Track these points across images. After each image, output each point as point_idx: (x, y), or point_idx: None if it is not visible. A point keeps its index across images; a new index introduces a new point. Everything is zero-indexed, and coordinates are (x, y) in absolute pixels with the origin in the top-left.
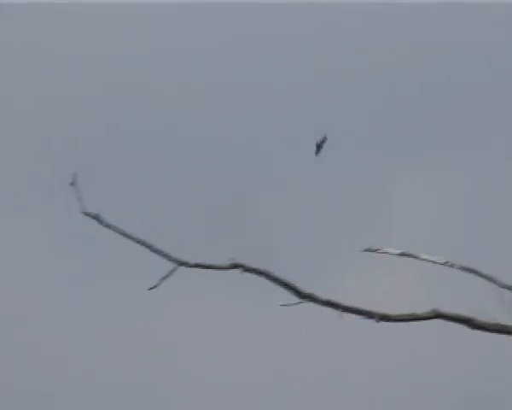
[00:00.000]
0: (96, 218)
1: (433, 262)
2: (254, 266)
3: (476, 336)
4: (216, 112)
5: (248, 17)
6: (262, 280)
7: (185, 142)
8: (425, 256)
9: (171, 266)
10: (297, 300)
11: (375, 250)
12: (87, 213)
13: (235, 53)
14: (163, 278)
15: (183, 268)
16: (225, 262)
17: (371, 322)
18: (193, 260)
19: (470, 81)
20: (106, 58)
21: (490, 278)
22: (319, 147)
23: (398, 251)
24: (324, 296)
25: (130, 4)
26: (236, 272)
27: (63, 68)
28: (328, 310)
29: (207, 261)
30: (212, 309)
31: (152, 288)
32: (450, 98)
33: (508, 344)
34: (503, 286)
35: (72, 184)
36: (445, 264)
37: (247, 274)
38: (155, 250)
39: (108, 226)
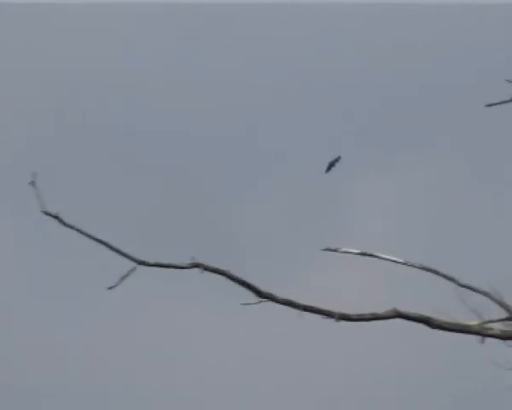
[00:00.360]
0: (56, 217)
1: (394, 262)
2: (214, 265)
3: (436, 335)
4: (178, 108)
5: (238, 17)
6: (222, 279)
7: (144, 140)
8: (385, 256)
9: (130, 265)
10: (257, 299)
11: (335, 250)
12: (47, 213)
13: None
14: (123, 278)
15: (142, 267)
16: (185, 262)
17: (331, 321)
18: (152, 260)
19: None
20: (66, 58)
21: (449, 278)
22: (331, 165)
23: (358, 251)
24: (285, 296)
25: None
26: (196, 271)
27: (22, 68)
28: (289, 309)
29: (167, 261)
30: (171, 308)
31: (111, 287)
32: (412, 98)
33: (467, 343)
34: (463, 286)
35: (32, 183)
36: (405, 263)
37: (208, 273)
38: (115, 249)
39: (68, 226)
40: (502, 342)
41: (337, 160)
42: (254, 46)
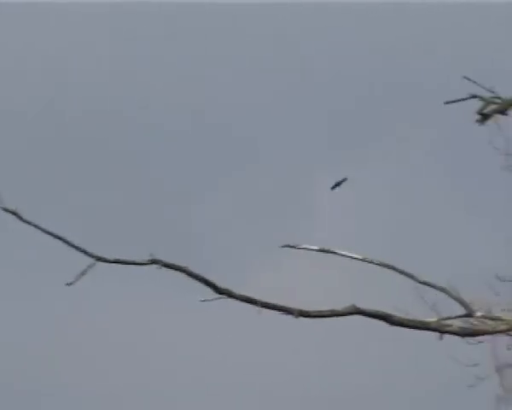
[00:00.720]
0: (15, 213)
1: (352, 258)
2: (173, 261)
3: (395, 331)
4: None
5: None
6: (181, 276)
7: (104, 136)
8: (344, 252)
9: (89, 261)
10: (215, 295)
11: (295, 246)
12: (5, 209)
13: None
14: (81, 274)
15: (101, 264)
16: (144, 258)
17: (290, 318)
18: (111, 256)
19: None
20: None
21: (408, 275)
22: (337, 185)
23: (317, 247)
24: (244, 292)
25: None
26: (155, 267)
27: None
28: (247, 306)
29: (126, 257)
30: (130, 305)
31: (70, 283)
32: (372, 96)
33: (425, 340)
34: (421, 282)
35: None
36: (363, 260)
37: (166, 270)
38: (73, 246)
39: (27, 222)
40: (460, 338)
41: (343, 180)
42: (224, 42)
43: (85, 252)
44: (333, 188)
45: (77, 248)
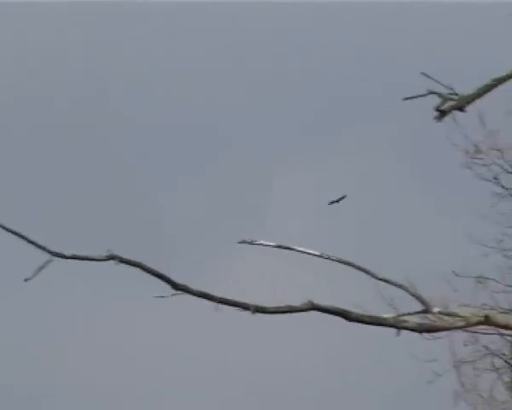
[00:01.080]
0: None
1: (309, 254)
2: (130, 257)
3: (352, 328)
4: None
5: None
6: (138, 272)
7: (56, 131)
8: (301, 248)
9: (46, 257)
10: (172, 291)
11: (251, 242)
12: None
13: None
14: (38, 270)
15: (58, 260)
16: (101, 254)
17: (247, 314)
18: (68, 252)
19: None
20: None
21: (366, 271)
22: (336, 201)
23: (274, 243)
24: (202, 289)
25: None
26: (112, 263)
27: None
28: (204, 302)
29: (83, 253)
30: (88, 301)
31: (27, 279)
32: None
33: (383, 336)
34: (379, 279)
35: None
36: (321, 256)
37: (123, 266)
38: (30, 241)
39: None
40: (418, 334)
41: (342, 198)
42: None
43: (43, 248)
44: (331, 203)
45: (34, 243)
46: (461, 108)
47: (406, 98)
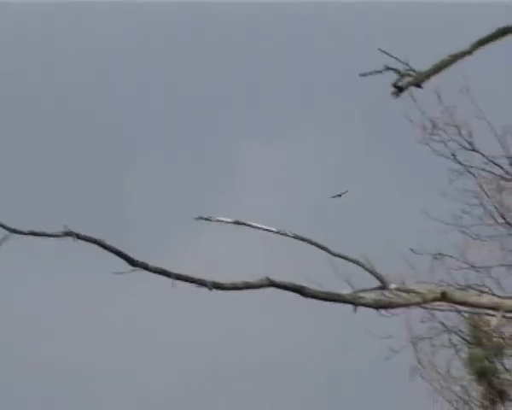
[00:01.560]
0: None
1: (267, 230)
2: (87, 233)
3: (310, 305)
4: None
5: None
6: (96, 248)
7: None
8: (258, 225)
9: (3, 233)
10: (129, 268)
11: (208, 219)
12: None
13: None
14: None
15: (15, 236)
16: (59, 230)
17: (204, 290)
18: (26, 228)
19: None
20: None
21: (322, 247)
22: (338, 195)
23: (231, 219)
24: (158, 264)
25: None
26: (69, 239)
27: None
28: (161, 278)
29: (40, 229)
30: (46, 278)
31: None
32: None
33: (339, 313)
34: (336, 255)
35: None
36: (278, 232)
37: (80, 242)
38: None
39: None
40: (374, 311)
41: (344, 193)
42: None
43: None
44: (333, 197)
45: None
46: (418, 85)
47: (362, 74)
